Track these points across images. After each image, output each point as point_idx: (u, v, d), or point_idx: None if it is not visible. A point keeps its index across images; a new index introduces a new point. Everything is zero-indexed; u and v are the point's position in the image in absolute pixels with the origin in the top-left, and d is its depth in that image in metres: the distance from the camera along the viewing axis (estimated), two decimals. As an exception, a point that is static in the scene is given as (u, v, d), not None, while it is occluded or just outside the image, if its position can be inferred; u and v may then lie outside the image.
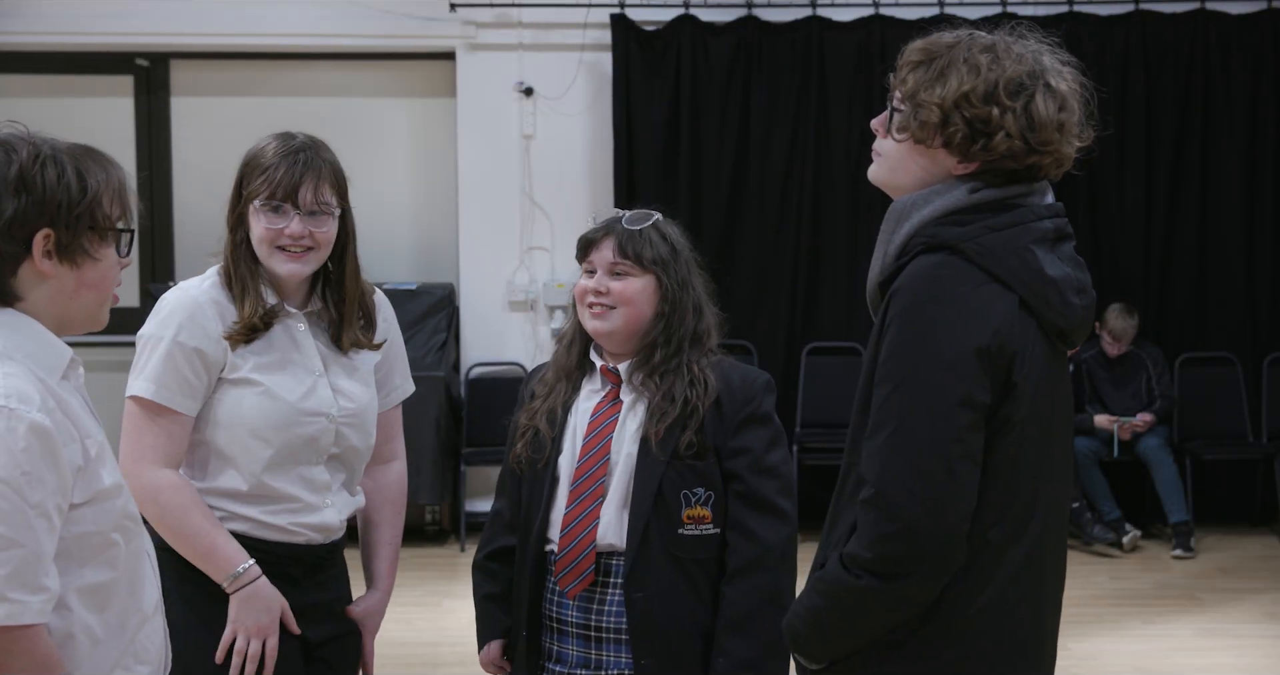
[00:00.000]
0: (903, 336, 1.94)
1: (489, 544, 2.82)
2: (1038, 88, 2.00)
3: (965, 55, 2.01)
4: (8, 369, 1.84)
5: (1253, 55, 7.57)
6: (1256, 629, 5.82)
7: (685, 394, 2.62)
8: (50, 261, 1.90)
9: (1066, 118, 2.02)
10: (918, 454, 1.91)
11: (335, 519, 2.68)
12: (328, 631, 2.70)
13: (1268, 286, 7.65)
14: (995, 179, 2.02)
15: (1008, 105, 1.98)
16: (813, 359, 7.55)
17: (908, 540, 1.90)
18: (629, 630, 2.61)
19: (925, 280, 1.96)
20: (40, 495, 1.80)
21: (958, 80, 1.99)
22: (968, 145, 2.00)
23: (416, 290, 7.44)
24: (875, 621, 1.98)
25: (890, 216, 2.06)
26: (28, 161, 1.88)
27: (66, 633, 1.89)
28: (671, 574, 2.61)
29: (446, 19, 7.51)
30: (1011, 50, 2.02)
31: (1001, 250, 1.98)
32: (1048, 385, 2.03)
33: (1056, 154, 2.03)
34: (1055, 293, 2.01)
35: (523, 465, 2.72)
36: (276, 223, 2.57)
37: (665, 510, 2.61)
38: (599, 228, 2.72)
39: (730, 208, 7.53)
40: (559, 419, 2.69)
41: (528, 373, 2.89)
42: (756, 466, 2.63)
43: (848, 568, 1.96)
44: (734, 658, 2.58)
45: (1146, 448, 7.34)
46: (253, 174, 2.59)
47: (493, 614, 2.78)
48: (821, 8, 7.53)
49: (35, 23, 7.43)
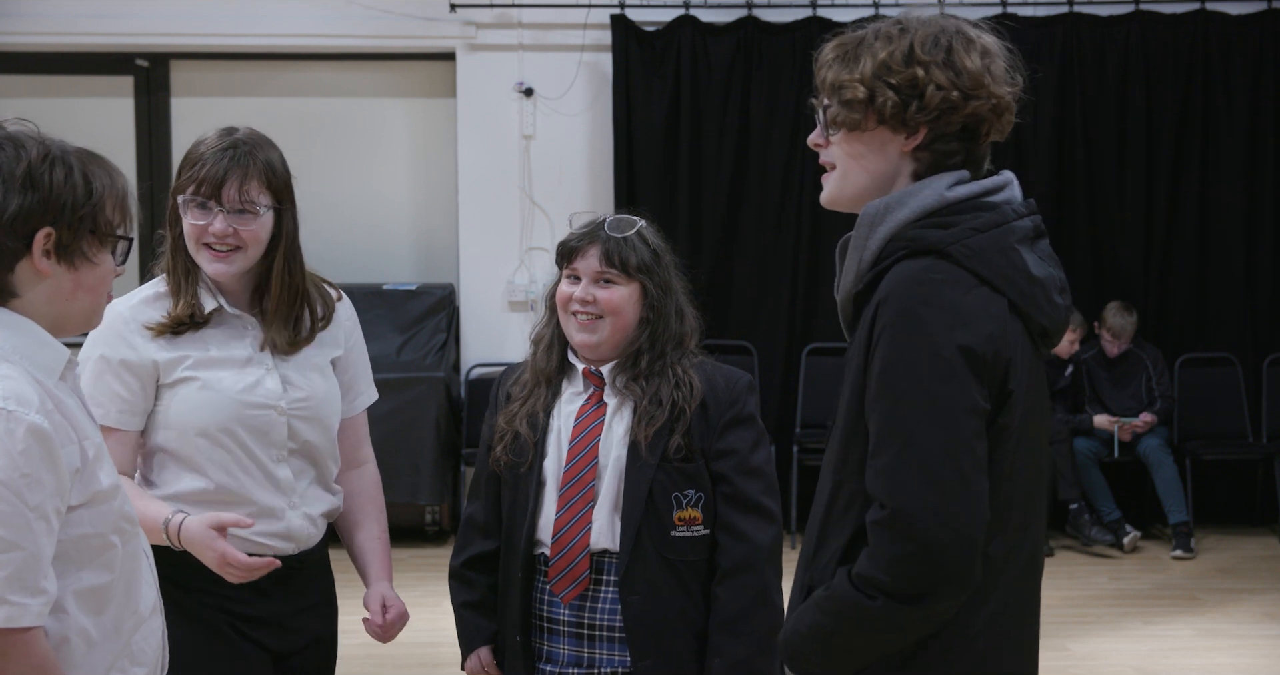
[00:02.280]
0: (897, 346, 1.87)
1: (465, 550, 2.79)
2: (953, 40, 1.96)
3: (874, 35, 1.98)
4: (5, 371, 1.83)
5: (1253, 55, 7.57)
6: (1256, 629, 5.82)
7: (672, 397, 2.63)
8: (49, 261, 1.89)
9: (990, 63, 1.96)
10: (930, 467, 1.82)
11: (302, 524, 2.63)
12: (297, 642, 2.66)
13: (1268, 286, 7.65)
14: (948, 144, 1.96)
15: (928, 60, 1.93)
16: (813, 359, 7.55)
17: (928, 560, 1.82)
18: (626, 633, 2.62)
19: (914, 286, 1.88)
20: (39, 497, 1.80)
21: (871, 54, 1.96)
22: (901, 112, 1.93)
23: (416, 290, 7.43)
24: (887, 643, 1.91)
25: (863, 222, 1.98)
26: (36, 159, 1.88)
27: (62, 636, 1.88)
28: (664, 576, 2.62)
29: (446, 19, 7.51)
30: (918, 18, 1.99)
31: (989, 251, 1.91)
32: (1034, 391, 1.98)
33: (993, 99, 1.95)
34: (1042, 293, 1.96)
35: (502, 469, 2.70)
36: (200, 219, 2.52)
37: (656, 513, 2.61)
38: (582, 235, 2.70)
39: (730, 208, 7.53)
40: (540, 422, 2.67)
41: (501, 373, 2.86)
42: (743, 467, 2.65)
43: (860, 589, 1.88)
44: (729, 658, 2.60)
45: (1146, 448, 7.34)
46: (184, 168, 2.54)
47: (476, 621, 2.76)
48: (821, 8, 7.53)
49: (35, 23, 7.44)
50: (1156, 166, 7.58)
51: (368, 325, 8.45)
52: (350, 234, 7.57)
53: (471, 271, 7.59)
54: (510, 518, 2.69)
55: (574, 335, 2.68)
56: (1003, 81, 1.97)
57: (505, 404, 2.74)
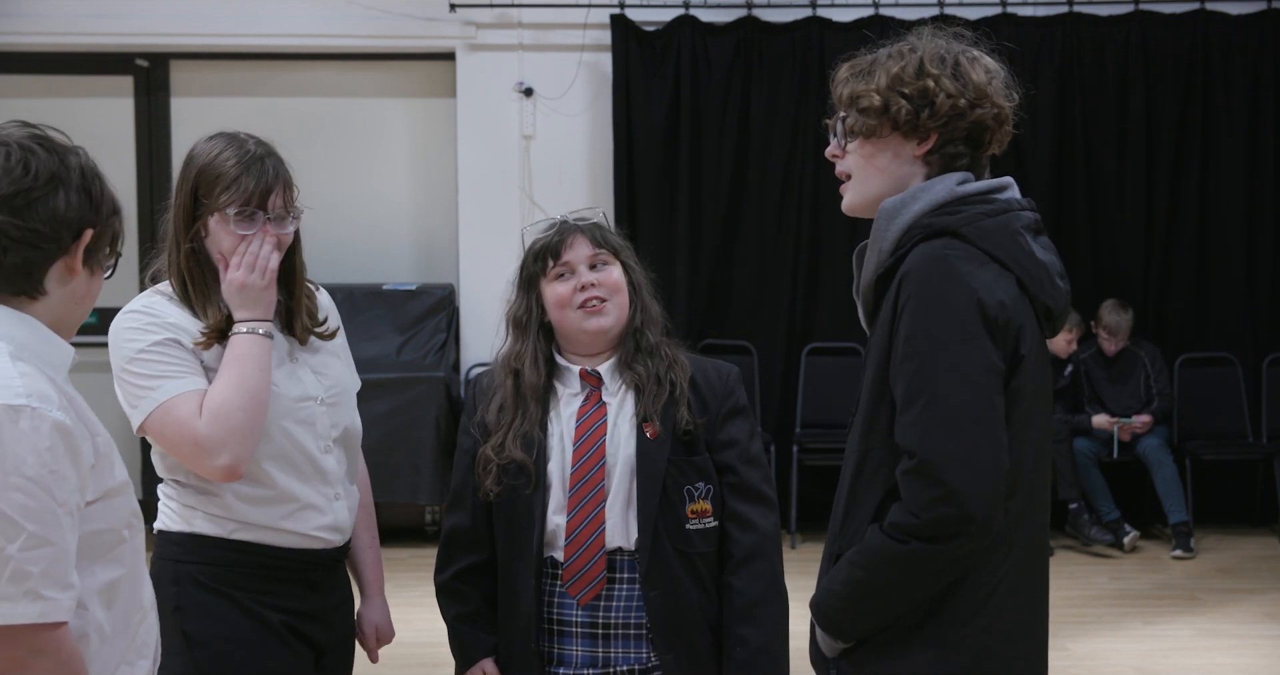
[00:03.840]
0: (921, 313, 2.03)
1: (453, 563, 2.75)
2: (959, 56, 2.17)
3: (887, 53, 2.20)
4: (23, 369, 1.87)
5: (1253, 55, 7.57)
6: (1256, 629, 5.83)
7: (670, 375, 2.67)
8: (79, 262, 1.95)
9: (992, 77, 2.17)
10: (955, 420, 1.99)
11: (346, 516, 2.66)
12: (334, 636, 2.69)
13: (1268, 286, 7.65)
14: (956, 148, 2.15)
15: (937, 73, 2.13)
16: (813, 359, 7.55)
17: (956, 502, 1.97)
18: (650, 629, 2.63)
19: (933, 261, 2.06)
20: (65, 493, 1.84)
21: (885, 69, 2.16)
22: (915, 118, 2.13)
23: (416, 290, 7.44)
24: (918, 588, 2.05)
25: (881, 216, 2.15)
26: (86, 165, 1.96)
27: (82, 631, 1.91)
28: (681, 569, 2.64)
29: (446, 19, 7.51)
30: (927, 36, 2.21)
31: (998, 233, 2.10)
32: (1042, 363, 2.15)
33: (995, 107, 2.16)
34: (1045, 274, 2.14)
35: (494, 498, 2.67)
36: (248, 229, 2.54)
37: (670, 508, 2.63)
38: (556, 231, 2.73)
39: (730, 208, 7.53)
40: (538, 441, 2.65)
41: (473, 387, 2.82)
42: (745, 457, 2.70)
43: (892, 536, 2.03)
44: (750, 646, 2.64)
45: (1146, 448, 7.34)
46: (215, 184, 2.53)
47: (474, 634, 2.73)
48: (821, 8, 7.53)
49: (35, 23, 7.44)
50: (1156, 166, 7.59)
51: (368, 325, 8.41)
52: (350, 234, 7.57)
53: (471, 271, 7.59)
54: (512, 527, 2.67)
55: (585, 324, 2.67)
56: (1001, 93, 2.18)
57: (484, 436, 2.70)
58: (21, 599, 1.78)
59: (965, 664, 2.07)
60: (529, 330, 2.73)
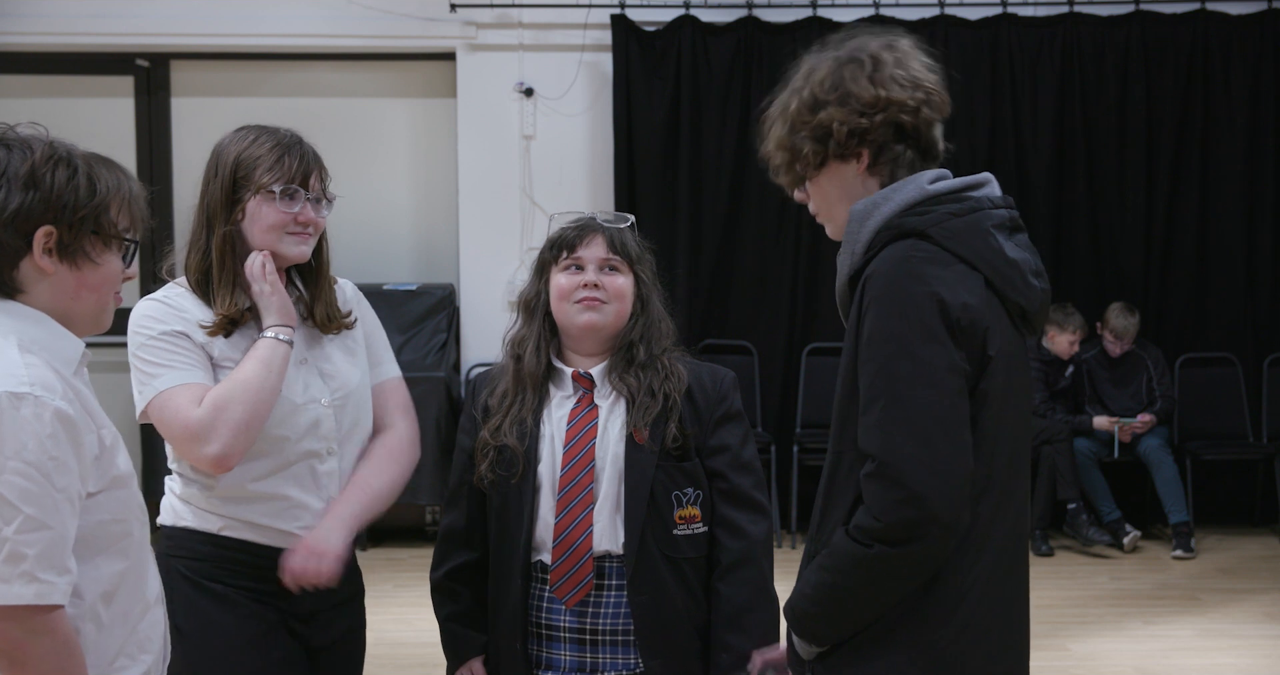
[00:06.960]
0: (883, 313, 2.02)
1: (448, 561, 2.76)
2: (844, 70, 2.14)
3: (787, 91, 2.21)
4: (29, 360, 1.90)
5: (1253, 55, 7.57)
6: (1256, 629, 5.83)
7: (664, 389, 2.66)
8: (50, 259, 1.95)
9: (883, 75, 2.12)
10: (915, 422, 1.96)
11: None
12: (333, 634, 2.69)
13: (1268, 286, 7.65)
14: (893, 151, 2.13)
15: (826, 100, 2.13)
16: (813, 359, 7.55)
17: (917, 505, 1.94)
18: (636, 635, 2.63)
19: (898, 262, 2.04)
20: (65, 480, 1.87)
21: (785, 115, 2.19)
22: (825, 152, 2.14)
23: (416, 290, 7.44)
24: (885, 592, 2.02)
25: (854, 218, 2.14)
26: (40, 160, 1.94)
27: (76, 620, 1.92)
28: (668, 574, 2.63)
29: (447, 19, 7.51)
30: (835, 47, 2.20)
31: (966, 233, 2.07)
32: (1016, 364, 2.11)
33: (894, 105, 2.11)
34: (1017, 273, 2.11)
35: (487, 486, 2.68)
36: (291, 207, 2.63)
37: (658, 513, 2.63)
38: (580, 226, 2.74)
39: (730, 208, 7.53)
40: (530, 429, 2.66)
41: (474, 384, 2.83)
42: (736, 463, 2.70)
43: (857, 540, 2.00)
44: (735, 652, 2.62)
45: (1147, 448, 7.34)
46: (256, 165, 2.60)
47: (464, 633, 2.75)
48: (821, 8, 7.53)
49: (35, 23, 7.44)
50: (1156, 166, 7.59)
51: (368, 325, 8.29)
52: (350, 234, 7.56)
53: (471, 271, 7.59)
54: (502, 527, 2.68)
55: (577, 318, 2.68)
56: (907, 84, 2.13)
57: (483, 417, 2.72)
58: (17, 580, 1.82)
59: (939, 667, 2.04)
60: (535, 314, 2.75)
